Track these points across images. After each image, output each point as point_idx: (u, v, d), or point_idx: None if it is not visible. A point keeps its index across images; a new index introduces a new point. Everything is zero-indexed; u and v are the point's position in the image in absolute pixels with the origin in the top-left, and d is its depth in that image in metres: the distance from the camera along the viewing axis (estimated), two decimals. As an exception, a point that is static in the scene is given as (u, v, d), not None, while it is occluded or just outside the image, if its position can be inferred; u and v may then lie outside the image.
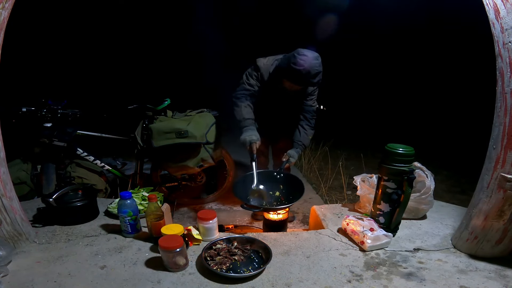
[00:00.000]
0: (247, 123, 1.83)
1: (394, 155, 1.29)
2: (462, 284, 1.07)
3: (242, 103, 1.86)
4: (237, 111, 1.86)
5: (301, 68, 1.63)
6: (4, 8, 1.09)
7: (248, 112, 1.85)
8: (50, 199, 1.40)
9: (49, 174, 2.01)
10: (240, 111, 1.84)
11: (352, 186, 2.77)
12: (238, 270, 1.13)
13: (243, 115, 1.83)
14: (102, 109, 3.05)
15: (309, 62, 1.64)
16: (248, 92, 1.88)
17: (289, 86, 1.78)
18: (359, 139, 4.70)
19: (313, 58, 1.66)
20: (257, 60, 1.89)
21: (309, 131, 2.00)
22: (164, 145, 1.93)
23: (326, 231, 1.45)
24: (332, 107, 6.26)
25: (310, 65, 1.64)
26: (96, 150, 2.24)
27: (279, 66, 1.79)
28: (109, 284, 1.06)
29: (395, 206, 1.34)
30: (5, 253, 1.11)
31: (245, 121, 1.83)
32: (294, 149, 1.95)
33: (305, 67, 1.63)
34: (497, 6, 1.04)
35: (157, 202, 1.28)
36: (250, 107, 1.87)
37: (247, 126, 1.83)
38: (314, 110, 2.01)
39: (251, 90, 1.88)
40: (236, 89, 1.93)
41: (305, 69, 1.64)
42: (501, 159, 1.09)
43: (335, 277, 1.11)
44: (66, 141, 2.02)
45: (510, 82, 1.04)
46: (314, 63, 1.66)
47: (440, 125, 5.24)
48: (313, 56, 1.66)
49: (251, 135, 1.79)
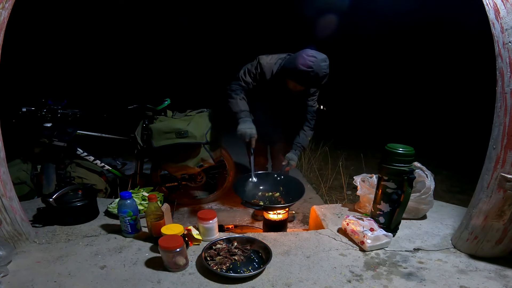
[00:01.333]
0: (244, 115, 1.81)
1: (394, 155, 1.29)
2: (462, 284, 1.07)
3: (237, 95, 1.84)
4: (232, 103, 1.84)
5: (309, 70, 1.61)
6: (4, 8, 1.09)
7: (244, 104, 1.84)
8: (50, 199, 1.39)
9: (49, 174, 2.01)
10: (236, 103, 1.82)
11: (352, 186, 2.77)
12: (238, 270, 1.13)
13: (240, 107, 1.81)
14: (102, 109, 3.05)
15: (318, 64, 1.62)
16: (243, 88, 1.88)
17: (294, 87, 1.76)
18: (359, 139, 4.70)
19: (321, 60, 1.63)
20: (260, 58, 1.87)
21: (308, 132, 1.99)
22: (164, 145, 1.93)
23: (326, 231, 1.45)
24: (332, 107, 6.27)
25: (318, 67, 1.62)
26: (96, 150, 2.24)
27: (284, 66, 1.76)
28: (109, 284, 1.06)
29: (395, 206, 1.34)
30: (5, 253, 1.11)
31: (241, 112, 1.81)
32: (293, 151, 1.94)
33: (313, 69, 1.61)
34: (497, 6, 1.04)
35: (157, 202, 1.28)
36: (245, 100, 1.86)
37: (243, 117, 1.80)
38: (314, 111, 2.00)
39: (245, 87, 1.87)
40: (230, 82, 1.91)
41: (313, 71, 1.62)
42: (501, 159, 1.09)
43: (335, 277, 1.11)
44: (66, 141, 2.02)
45: (510, 82, 1.04)
46: (323, 65, 1.63)
47: (440, 125, 5.24)
48: (321, 58, 1.64)
49: (251, 128, 1.77)
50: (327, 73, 1.68)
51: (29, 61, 5.00)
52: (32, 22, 4.68)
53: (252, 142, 1.77)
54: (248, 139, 1.75)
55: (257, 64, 1.86)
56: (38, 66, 5.24)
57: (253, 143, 1.77)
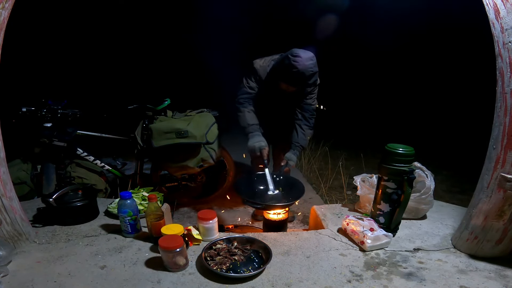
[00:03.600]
0: (252, 129, 1.82)
1: (394, 155, 1.29)
2: (462, 284, 1.07)
3: (245, 108, 1.85)
4: (240, 117, 1.85)
5: (294, 70, 1.61)
6: (4, 8, 1.09)
7: (252, 117, 1.85)
8: (50, 199, 1.39)
9: (49, 174, 2.01)
10: (244, 117, 1.83)
11: (352, 186, 2.77)
12: (238, 270, 1.13)
13: (247, 121, 1.82)
14: (102, 109, 3.05)
15: (303, 63, 1.62)
16: (250, 95, 1.88)
17: (286, 88, 1.77)
18: (359, 139, 4.70)
19: (307, 58, 1.63)
20: (254, 62, 1.88)
21: (307, 131, 1.99)
22: (164, 145, 1.93)
23: (326, 231, 1.45)
24: (332, 107, 6.26)
25: (304, 66, 1.62)
26: (96, 150, 2.24)
27: (274, 68, 1.77)
28: (109, 284, 1.06)
29: (395, 206, 1.35)
30: (5, 253, 1.11)
31: (249, 127, 1.82)
32: (291, 151, 1.94)
33: (299, 69, 1.62)
34: (497, 6, 1.04)
35: (157, 202, 1.28)
36: (253, 112, 1.87)
37: (252, 132, 1.81)
38: (313, 109, 2.00)
39: (252, 93, 1.88)
40: (237, 94, 1.91)
41: (298, 71, 1.62)
42: (501, 159, 1.09)
43: (335, 277, 1.11)
44: (66, 141, 2.02)
45: (510, 82, 1.04)
46: (309, 64, 1.64)
47: (440, 125, 5.24)
48: (307, 57, 1.64)
49: (260, 141, 1.78)
50: (315, 72, 1.68)
51: (29, 61, 5.00)
52: (32, 22, 4.68)
53: (263, 154, 1.77)
54: (258, 152, 1.76)
55: (252, 69, 1.87)
56: (38, 66, 5.23)
57: (264, 155, 1.77)
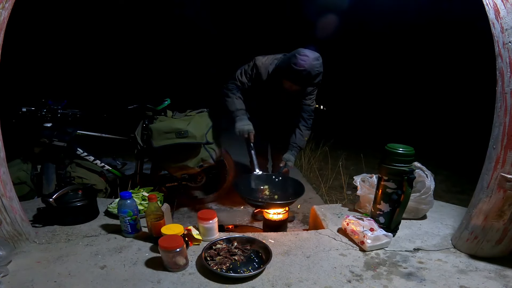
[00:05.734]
0: (240, 113, 1.89)
1: (394, 155, 1.29)
2: (462, 284, 1.07)
3: (233, 94, 1.91)
4: (229, 101, 1.92)
5: (301, 69, 1.64)
6: (4, 8, 1.09)
7: (240, 103, 1.91)
8: (50, 199, 1.39)
9: (49, 174, 2.01)
10: (233, 102, 1.90)
11: (352, 186, 2.76)
12: (238, 270, 1.13)
13: (236, 106, 1.89)
14: (102, 109, 3.04)
15: (310, 62, 1.64)
16: (238, 87, 1.94)
17: (289, 86, 1.78)
18: (359, 139, 4.70)
19: (314, 58, 1.66)
20: (256, 59, 1.90)
21: (305, 132, 2.00)
22: (164, 145, 1.93)
23: (326, 231, 1.45)
24: (332, 107, 6.27)
25: (310, 65, 1.64)
26: (96, 150, 2.24)
27: (279, 66, 1.79)
28: (109, 284, 1.06)
29: (395, 206, 1.34)
30: (5, 253, 1.11)
31: (238, 111, 1.89)
32: (289, 152, 1.96)
33: (305, 68, 1.64)
34: (497, 6, 1.04)
35: (157, 202, 1.28)
36: (241, 99, 1.93)
37: (239, 116, 1.89)
38: (312, 110, 2.01)
39: (240, 86, 1.94)
40: (228, 81, 1.97)
41: (305, 69, 1.64)
42: (501, 159, 1.09)
43: (335, 277, 1.11)
44: (66, 141, 2.02)
45: (510, 82, 1.04)
46: (315, 64, 1.66)
47: (439, 125, 5.24)
48: (314, 57, 1.66)
49: (248, 124, 1.86)
50: (320, 72, 1.71)
51: (29, 61, 5.00)
52: (32, 22, 4.68)
53: (250, 137, 1.85)
54: (246, 134, 1.84)
55: (253, 65, 1.90)
56: (38, 66, 5.23)
57: (251, 138, 1.85)
